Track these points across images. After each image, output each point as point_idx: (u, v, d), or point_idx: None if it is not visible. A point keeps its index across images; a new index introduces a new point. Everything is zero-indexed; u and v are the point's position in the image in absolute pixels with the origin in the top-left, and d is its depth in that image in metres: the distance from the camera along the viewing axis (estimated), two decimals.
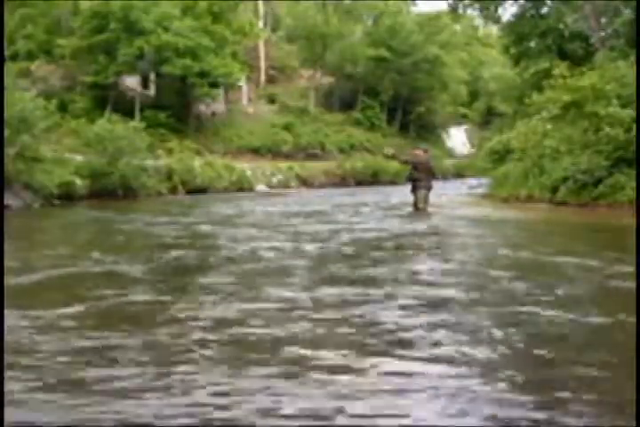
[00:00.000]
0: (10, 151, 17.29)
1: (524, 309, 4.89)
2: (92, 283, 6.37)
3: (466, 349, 3.87)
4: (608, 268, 6.65)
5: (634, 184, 14.01)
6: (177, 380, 3.38)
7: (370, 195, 23.60)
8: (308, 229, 11.37)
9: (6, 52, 27.97)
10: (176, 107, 32.88)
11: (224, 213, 15.94)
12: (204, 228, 12.07)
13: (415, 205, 15.05)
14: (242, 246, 9.04)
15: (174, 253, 8.32)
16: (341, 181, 34.64)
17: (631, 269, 6.34)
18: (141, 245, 9.96)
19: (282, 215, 15.02)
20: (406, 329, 4.36)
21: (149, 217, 14.61)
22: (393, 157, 17.24)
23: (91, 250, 8.62)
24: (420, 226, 12.00)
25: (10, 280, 6.10)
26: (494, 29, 43.70)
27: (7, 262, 6.84)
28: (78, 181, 20.45)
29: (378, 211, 16.10)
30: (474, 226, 12.27)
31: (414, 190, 15.00)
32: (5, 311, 4.66)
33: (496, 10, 25.42)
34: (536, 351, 3.86)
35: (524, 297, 5.37)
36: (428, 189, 14.98)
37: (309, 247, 8.75)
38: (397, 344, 4.00)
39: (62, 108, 26.56)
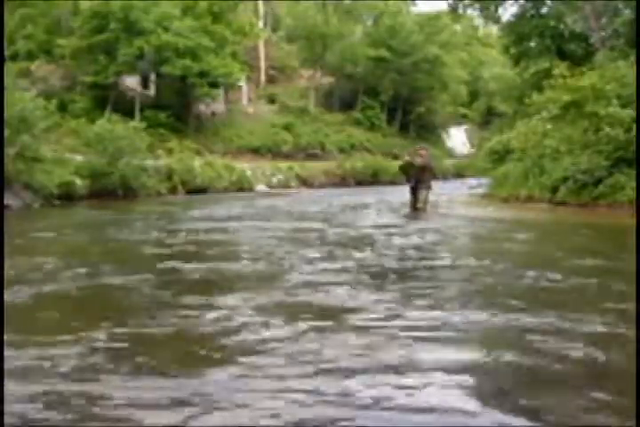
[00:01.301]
0: (10, 151, 17.29)
1: None
2: (95, 304, 5.57)
3: None
4: None
5: (634, 184, 14.01)
6: None
7: (373, 195, 23.53)
8: (332, 234, 10.55)
9: (6, 52, 27.98)
10: (176, 107, 32.89)
11: (231, 215, 15.27)
12: (218, 233, 11.07)
13: (414, 205, 15.05)
14: (273, 256, 7.99)
15: (193, 264, 7.29)
16: (341, 181, 34.64)
17: None
18: (150, 253, 8.77)
19: (294, 217, 14.37)
20: None
21: (153, 219, 14.24)
22: (410, 165, 15.88)
23: (90, 258, 8.00)
24: (450, 231, 11.59)
25: None
26: (494, 29, 43.72)
27: None
28: (78, 181, 20.45)
29: (388, 212, 15.74)
30: (504, 229, 11.82)
31: (415, 191, 15.01)
32: None
33: (496, 10, 25.44)
34: None
35: None
36: (428, 189, 15.01)
37: (350, 263, 7.36)
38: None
39: (62, 108, 26.56)
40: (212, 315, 4.84)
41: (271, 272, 6.91)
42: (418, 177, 14.91)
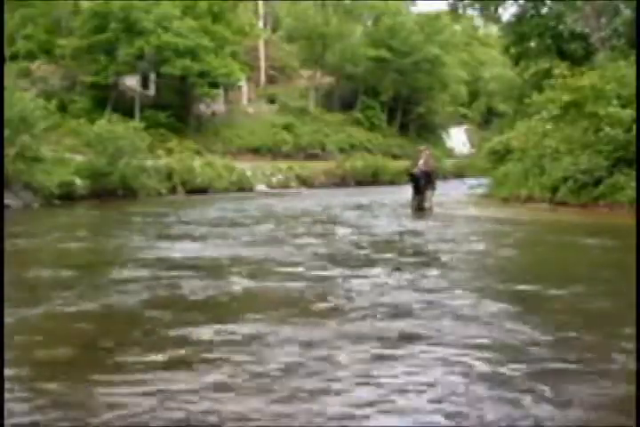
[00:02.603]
0: (10, 151, 17.28)
1: None
2: (107, 338, 4.33)
3: None
4: None
5: (634, 184, 13.99)
6: None
7: (376, 195, 23.50)
8: (364, 241, 9.69)
9: (6, 52, 27.96)
10: (176, 107, 32.89)
11: (239, 218, 14.32)
12: (233, 240, 9.74)
13: (419, 205, 15.15)
14: (317, 271, 6.71)
15: (217, 282, 6.14)
16: (341, 181, 34.62)
17: None
18: (160, 263, 7.41)
19: (309, 221, 13.51)
20: None
21: (156, 221, 13.78)
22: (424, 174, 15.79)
23: (86, 270, 7.07)
24: (481, 233, 11.17)
25: None
26: (494, 29, 43.70)
27: None
28: (78, 181, 20.44)
29: (399, 213, 15.39)
30: (537, 231, 11.54)
31: (422, 191, 15.14)
32: None
33: (496, 10, 25.44)
34: None
35: None
36: (434, 189, 15.24)
37: (425, 280, 6.30)
38: None
39: (62, 108, 26.56)
40: (280, 360, 3.67)
41: (326, 293, 5.58)
42: (425, 178, 15.10)
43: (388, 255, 8.19)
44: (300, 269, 7.00)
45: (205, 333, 4.37)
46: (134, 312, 5.04)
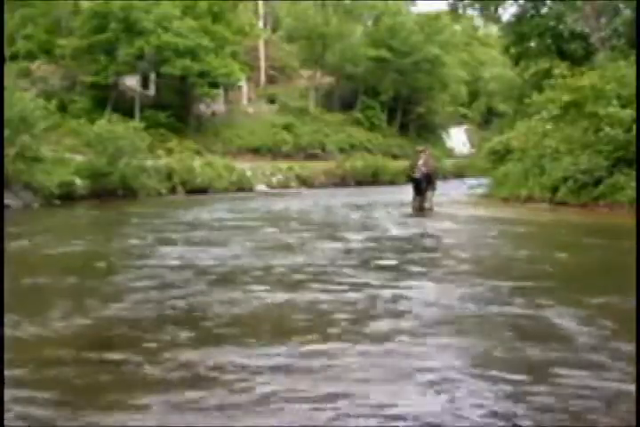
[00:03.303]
0: (10, 151, 17.29)
1: None
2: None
3: None
4: None
5: (634, 184, 13.99)
6: None
7: (377, 195, 23.48)
8: (390, 247, 8.91)
9: (6, 52, 27.96)
10: (176, 107, 32.90)
11: (244, 219, 13.77)
12: (242, 242, 9.25)
13: (420, 205, 15.17)
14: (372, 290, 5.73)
15: (233, 294, 5.51)
16: (341, 181, 34.65)
17: None
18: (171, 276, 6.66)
19: (319, 224, 12.99)
20: None
21: (158, 223, 13.54)
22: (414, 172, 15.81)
23: (86, 276, 6.74)
24: (506, 236, 10.79)
25: None
26: (494, 29, 43.70)
27: None
28: (78, 181, 20.46)
29: (406, 214, 15.20)
30: (560, 233, 11.33)
31: (423, 191, 15.16)
32: None
33: (496, 10, 25.44)
34: None
35: None
36: (434, 190, 15.29)
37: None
38: None
39: (62, 108, 26.57)
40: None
41: (378, 313, 4.83)
42: (425, 179, 15.14)
43: (420, 263, 7.56)
44: (327, 278, 6.36)
45: (224, 357, 3.77)
46: (138, 328, 4.55)
